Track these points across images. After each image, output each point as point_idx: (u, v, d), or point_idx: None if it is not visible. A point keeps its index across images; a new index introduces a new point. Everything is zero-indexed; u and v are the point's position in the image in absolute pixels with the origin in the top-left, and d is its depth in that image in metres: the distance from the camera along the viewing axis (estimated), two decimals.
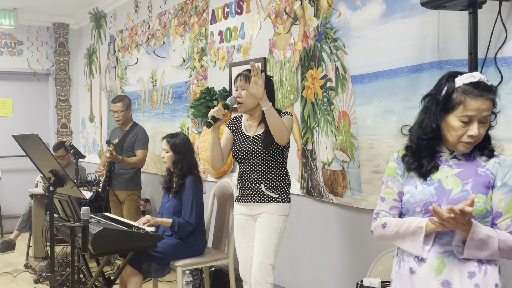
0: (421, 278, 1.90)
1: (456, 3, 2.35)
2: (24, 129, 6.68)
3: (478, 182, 1.88)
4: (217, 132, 3.12)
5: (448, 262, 1.87)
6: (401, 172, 2.01)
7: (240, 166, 3.22)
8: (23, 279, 5.12)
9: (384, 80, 3.04)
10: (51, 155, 3.09)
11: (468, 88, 1.86)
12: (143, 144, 5.07)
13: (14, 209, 7.24)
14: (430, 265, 1.89)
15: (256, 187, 3.11)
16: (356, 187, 3.27)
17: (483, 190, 1.87)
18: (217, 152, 3.15)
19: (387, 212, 2.03)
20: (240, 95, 3.11)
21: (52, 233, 3.22)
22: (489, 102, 1.86)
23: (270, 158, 3.10)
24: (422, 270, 1.90)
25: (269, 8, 4.01)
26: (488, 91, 1.86)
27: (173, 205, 3.83)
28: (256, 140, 3.13)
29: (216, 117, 3.04)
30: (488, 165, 1.90)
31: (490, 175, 1.89)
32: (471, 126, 1.86)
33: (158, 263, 3.66)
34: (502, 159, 1.91)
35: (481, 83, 1.87)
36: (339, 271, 3.53)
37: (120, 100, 5.15)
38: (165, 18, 5.52)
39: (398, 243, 1.97)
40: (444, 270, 1.87)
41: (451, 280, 1.86)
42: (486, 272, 1.87)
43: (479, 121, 1.86)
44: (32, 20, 7.59)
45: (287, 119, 3.08)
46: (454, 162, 1.94)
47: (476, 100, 1.84)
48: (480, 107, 1.84)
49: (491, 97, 1.86)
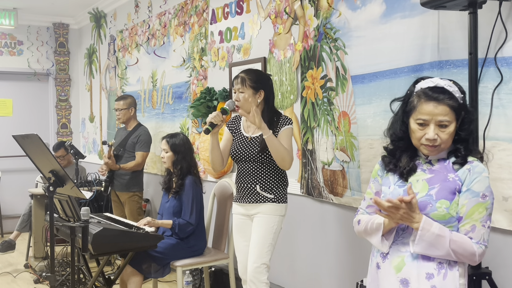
0: (384, 274, 1.98)
1: (456, 3, 2.35)
2: (24, 129, 6.69)
3: (444, 188, 1.90)
4: (216, 136, 3.12)
5: (408, 262, 1.92)
6: (381, 173, 2.09)
7: (237, 167, 3.23)
8: (23, 279, 5.12)
9: (384, 80, 3.04)
10: (51, 155, 3.09)
11: (422, 92, 1.92)
12: (144, 146, 5.02)
13: (14, 209, 7.24)
14: (391, 261, 1.96)
15: (251, 188, 3.12)
16: (356, 187, 3.27)
17: (448, 196, 1.89)
18: (216, 155, 3.16)
19: (364, 210, 2.14)
20: (238, 98, 3.09)
21: (52, 233, 3.21)
22: (443, 107, 1.87)
23: (266, 160, 3.09)
24: (385, 266, 1.98)
25: (269, 8, 4.01)
26: (442, 95, 1.88)
27: (172, 205, 3.83)
28: (253, 142, 3.13)
29: (214, 123, 3.03)
30: (459, 171, 1.91)
31: (457, 182, 1.90)
32: (427, 129, 1.90)
33: (158, 263, 3.66)
34: (474, 166, 1.90)
35: (436, 88, 1.91)
36: (339, 271, 3.53)
37: (122, 99, 5.16)
38: (165, 18, 5.52)
39: (368, 238, 2.06)
40: (404, 268, 1.92)
41: (409, 279, 1.90)
42: (445, 275, 1.88)
43: (437, 125, 1.89)
44: (32, 20, 7.59)
45: (287, 132, 3.06)
46: (427, 167, 1.98)
47: (428, 104, 1.89)
48: (432, 111, 1.88)
49: (446, 102, 1.88)
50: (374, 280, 2.04)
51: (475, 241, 1.86)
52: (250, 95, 3.07)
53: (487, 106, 2.50)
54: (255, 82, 3.08)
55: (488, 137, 2.50)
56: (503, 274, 2.48)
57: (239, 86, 3.08)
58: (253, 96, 3.08)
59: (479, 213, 1.86)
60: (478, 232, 1.86)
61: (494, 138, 2.50)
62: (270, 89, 3.15)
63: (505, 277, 2.49)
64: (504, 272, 2.49)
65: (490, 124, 2.50)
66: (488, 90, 2.50)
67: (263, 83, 3.12)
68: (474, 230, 1.86)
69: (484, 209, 1.86)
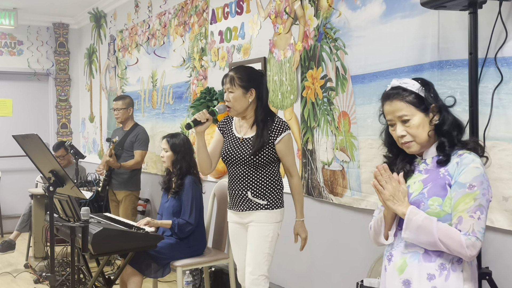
0: (389, 276, 1.99)
1: (456, 3, 2.35)
2: (24, 129, 6.68)
3: (435, 185, 1.90)
4: (201, 137, 2.93)
5: (410, 262, 1.92)
6: None
7: (228, 171, 3.06)
8: (23, 279, 5.12)
9: (384, 80, 3.04)
10: (51, 155, 3.09)
11: (381, 96, 2.01)
12: (142, 144, 5.10)
13: (14, 209, 7.24)
14: (395, 263, 1.96)
15: (243, 195, 2.96)
16: (356, 187, 3.27)
17: (440, 193, 1.88)
18: (202, 157, 2.99)
19: (375, 216, 2.13)
20: (228, 98, 2.92)
21: (52, 233, 3.21)
22: (396, 102, 1.93)
23: (258, 163, 2.92)
24: (390, 268, 1.99)
25: (269, 8, 4.01)
26: (393, 93, 1.95)
27: (172, 205, 3.83)
28: (245, 144, 2.95)
29: (198, 119, 2.85)
30: (449, 166, 1.90)
31: (447, 176, 1.89)
32: (396, 128, 1.96)
33: (158, 263, 3.66)
34: (462, 158, 1.88)
35: (391, 88, 1.97)
36: (339, 271, 3.53)
37: (121, 99, 5.24)
38: (165, 18, 5.52)
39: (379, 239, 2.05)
40: (406, 269, 1.92)
41: (411, 280, 1.91)
42: (447, 277, 1.86)
43: (400, 121, 1.94)
44: (32, 20, 7.58)
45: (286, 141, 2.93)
46: (423, 167, 1.98)
47: (385, 105, 1.98)
48: (388, 109, 1.96)
49: (396, 97, 1.93)
50: (382, 283, 2.04)
51: (463, 232, 1.81)
52: (240, 94, 2.90)
53: (487, 106, 2.49)
54: (245, 81, 2.90)
55: (488, 137, 2.50)
56: (503, 274, 2.48)
57: (228, 85, 2.91)
58: (243, 96, 2.91)
59: (465, 203, 1.82)
60: (465, 223, 1.81)
61: (494, 138, 2.50)
62: (263, 87, 2.97)
63: (505, 277, 2.48)
64: (504, 272, 2.49)
65: (490, 124, 2.50)
66: (488, 90, 2.50)
67: (253, 81, 2.93)
68: (461, 221, 1.82)
69: (472, 200, 1.81)
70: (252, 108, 2.95)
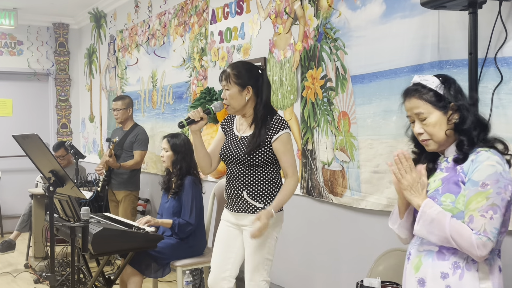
0: (407, 274, 2.00)
1: (456, 3, 2.35)
2: (24, 129, 6.68)
3: (450, 182, 1.90)
4: (197, 135, 2.87)
5: (424, 261, 1.92)
6: None
7: (226, 169, 2.97)
8: (23, 279, 5.12)
9: (384, 80, 3.04)
10: (51, 155, 3.08)
11: (402, 93, 2.02)
12: (142, 144, 5.11)
13: (14, 209, 7.24)
14: (412, 261, 1.98)
15: (238, 194, 2.86)
16: (355, 187, 3.27)
17: (453, 189, 1.87)
18: (201, 156, 2.93)
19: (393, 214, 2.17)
20: (225, 96, 2.83)
21: (52, 233, 3.21)
22: (414, 100, 1.94)
23: (254, 163, 2.81)
24: (408, 267, 2.00)
25: (269, 8, 4.01)
26: (412, 90, 1.95)
27: (172, 205, 3.83)
28: (241, 142, 2.87)
29: (191, 118, 2.80)
30: (465, 163, 1.89)
31: (461, 174, 1.87)
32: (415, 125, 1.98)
33: (158, 263, 3.66)
34: (478, 155, 1.85)
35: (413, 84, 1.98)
36: (339, 271, 3.53)
37: (120, 99, 5.25)
38: (165, 18, 5.52)
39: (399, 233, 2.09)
40: (421, 268, 1.93)
41: (425, 278, 1.91)
42: (462, 276, 1.85)
43: (418, 119, 1.95)
44: (32, 20, 7.59)
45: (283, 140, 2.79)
46: (445, 165, 1.98)
47: (405, 102, 1.99)
48: (408, 106, 1.97)
49: (414, 94, 1.94)
50: (403, 281, 2.05)
51: (475, 231, 1.78)
52: (235, 92, 2.80)
53: (487, 106, 2.49)
54: (241, 78, 2.80)
55: None
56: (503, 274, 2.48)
57: (224, 82, 2.82)
58: (239, 94, 2.81)
59: (477, 202, 1.79)
60: (476, 222, 1.78)
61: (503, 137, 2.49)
62: (262, 83, 2.84)
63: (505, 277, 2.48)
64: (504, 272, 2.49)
65: None
66: (488, 90, 2.50)
67: (250, 78, 2.81)
68: (472, 220, 1.80)
69: (484, 198, 1.78)
70: (251, 105, 2.86)
